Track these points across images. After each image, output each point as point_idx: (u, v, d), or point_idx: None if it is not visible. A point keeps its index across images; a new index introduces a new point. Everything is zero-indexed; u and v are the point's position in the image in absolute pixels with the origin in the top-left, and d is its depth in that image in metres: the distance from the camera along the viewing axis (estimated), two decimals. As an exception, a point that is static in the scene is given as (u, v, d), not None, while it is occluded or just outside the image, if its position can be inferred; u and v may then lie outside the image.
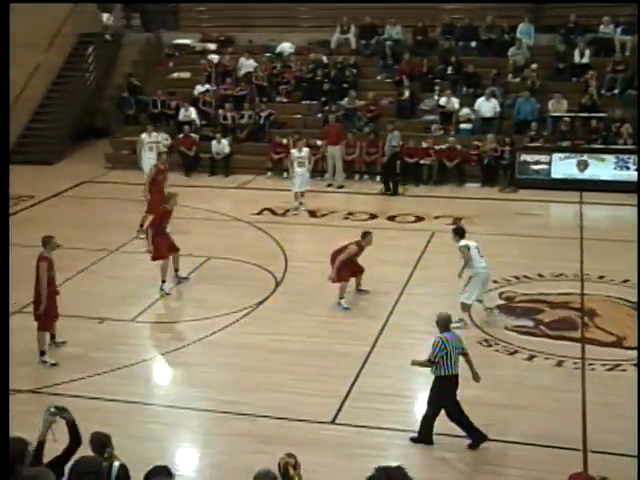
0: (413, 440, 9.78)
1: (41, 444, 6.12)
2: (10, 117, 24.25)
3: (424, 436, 9.77)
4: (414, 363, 9.97)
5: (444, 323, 9.84)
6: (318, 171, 21.94)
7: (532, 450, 9.62)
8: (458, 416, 9.69)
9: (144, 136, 20.54)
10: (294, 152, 19.17)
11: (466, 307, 12.98)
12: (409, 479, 5.68)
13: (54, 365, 11.90)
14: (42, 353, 12.00)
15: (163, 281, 14.47)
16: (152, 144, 20.45)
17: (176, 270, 14.95)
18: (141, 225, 16.91)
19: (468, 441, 9.73)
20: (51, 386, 11.29)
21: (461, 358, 9.78)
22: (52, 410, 6.32)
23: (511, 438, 9.86)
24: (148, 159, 20.15)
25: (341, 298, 13.69)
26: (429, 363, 9.64)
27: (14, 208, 19.74)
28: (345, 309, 13.59)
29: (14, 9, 23.48)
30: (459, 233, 13.11)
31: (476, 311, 13.42)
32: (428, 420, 9.77)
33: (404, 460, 9.56)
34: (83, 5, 26.86)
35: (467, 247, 12.78)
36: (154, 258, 14.53)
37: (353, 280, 14.12)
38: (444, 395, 9.68)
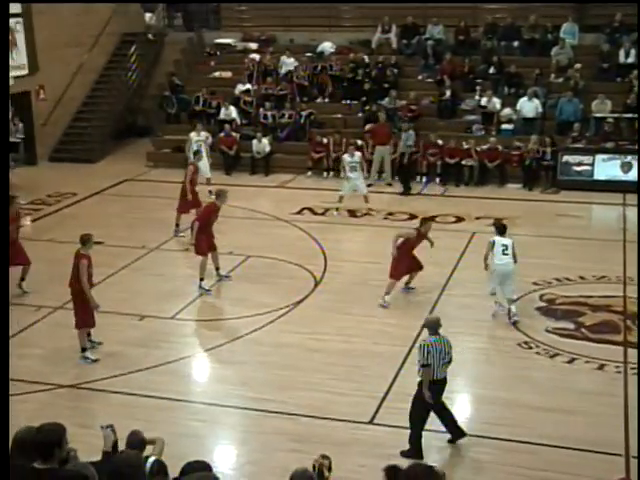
0: (402, 453, 9.45)
1: (107, 454, 6.33)
2: (54, 116, 24.70)
3: (414, 448, 9.54)
4: (424, 391, 9.54)
5: (432, 326, 9.64)
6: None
7: (571, 454, 9.52)
8: (420, 422, 9.56)
9: (193, 135, 20.66)
10: (346, 157, 19.02)
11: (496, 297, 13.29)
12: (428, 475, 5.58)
13: (95, 361, 12.02)
14: (83, 349, 12.12)
15: (201, 279, 14.56)
16: (201, 142, 20.56)
17: (217, 269, 15.01)
18: (177, 225, 17.33)
19: (506, 443, 9.66)
20: (91, 382, 11.41)
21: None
22: (107, 428, 6.46)
23: (550, 442, 9.76)
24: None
25: (386, 294, 13.64)
26: (423, 368, 9.42)
27: (56, 205, 20.01)
28: (383, 307, 13.55)
29: (57, 10, 23.94)
30: (497, 229, 13.45)
31: (516, 313, 13.32)
32: (416, 429, 9.58)
33: (440, 461, 9.58)
34: (126, 5, 27.12)
35: (491, 243, 13.11)
36: (196, 252, 14.66)
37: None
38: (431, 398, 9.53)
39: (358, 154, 19.22)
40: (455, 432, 9.79)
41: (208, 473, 5.54)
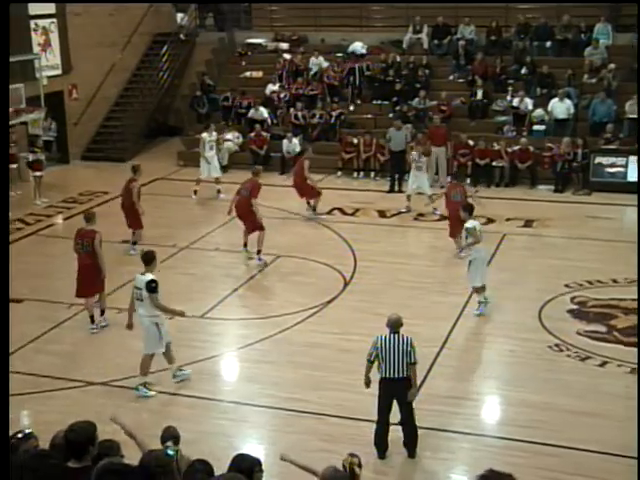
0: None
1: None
2: (86, 115, 24.92)
3: (376, 440, 9.55)
4: (365, 382, 9.58)
5: (392, 324, 9.51)
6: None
7: (602, 458, 9.45)
8: (377, 422, 9.51)
9: (205, 135, 20.73)
10: (414, 154, 18.98)
11: (481, 289, 13.30)
12: None
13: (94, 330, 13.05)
14: (93, 318, 13.15)
15: (259, 251, 15.59)
16: (213, 143, 20.65)
17: (245, 244, 15.94)
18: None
19: (535, 446, 9.61)
20: (122, 379, 11.49)
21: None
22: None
23: (580, 445, 9.69)
24: (210, 157, 20.52)
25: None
26: (367, 362, 9.44)
27: (88, 204, 20.16)
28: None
29: (91, 10, 24.16)
30: (469, 210, 13.52)
31: (547, 316, 13.25)
32: (378, 424, 9.56)
33: (470, 464, 9.55)
34: (159, 5, 27.29)
35: (475, 229, 13.20)
36: (260, 228, 15.69)
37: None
38: (381, 397, 9.47)
39: (426, 158, 19.06)
40: (408, 439, 9.63)
41: (236, 475, 5.54)
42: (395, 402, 9.50)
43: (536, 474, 9.27)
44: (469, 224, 13.35)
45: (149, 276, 11.07)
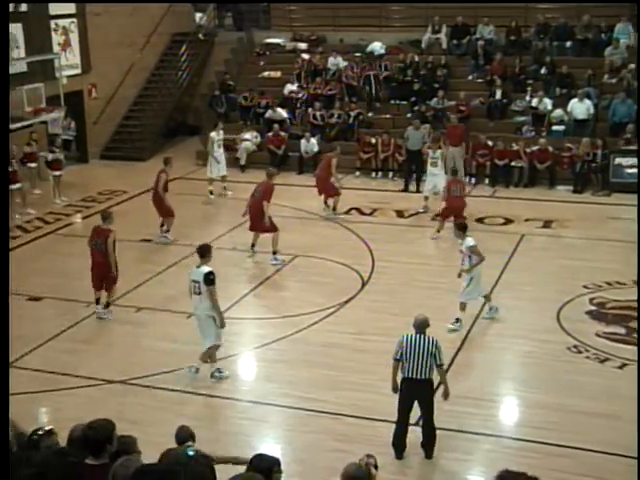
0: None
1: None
2: (105, 115, 25.03)
3: (394, 440, 9.52)
4: (393, 386, 9.53)
5: (419, 325, 9.46)
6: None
7: (619, 461, 9.39)
8: (399, 415, 9.48)
9: (213, 134, 20.77)
10: (429, 151, 19.09)
11: (464, 306, 13.00)
12: None
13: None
14: (108, 305, 13.69)
15: (274, 252, 15.65)
16: (221, 142, 20.71)
17: (253, 245, 16.00)
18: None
19: (553, 448, 9.57)
20: (140, 378, 11.53)
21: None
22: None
23: (598, 448, 9.64)
24: (218, 156, 20.58)
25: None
26: (393, 361, 9.39)
27: (107, 203, 20.26)
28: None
29: (111, 10, 24.27)
30: (463, 229, 13.03)
31: (566, 317, 13.18)
32: (397, 425, 9.52)
33: (487, 465, 9.52)
34: (178, 5, 27.37)
35: (477, 246, 12.81)
36: (272, 230, 15.75)
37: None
38: (402, 397, 9.44)
39: (440, 151, 19.06)
40: (426, 440, 9.60)
41: (255, 474, 5.55)
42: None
43: (552, 476, 9.19)
44: (471, 242, 12.80)
45: (206, 268, 11.17)
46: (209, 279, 11.03)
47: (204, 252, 11.39)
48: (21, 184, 19.45)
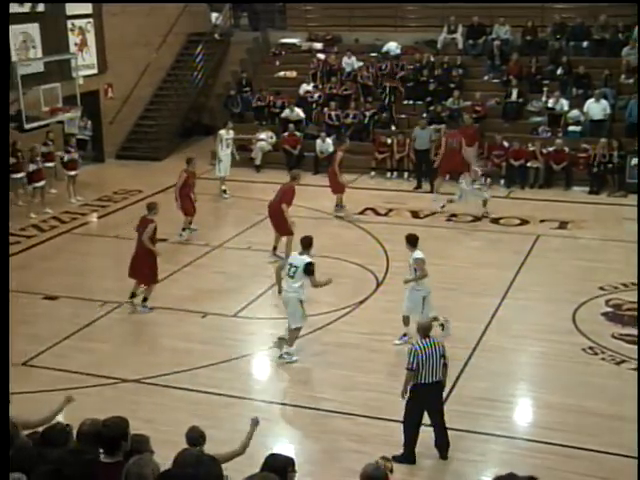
0: (395, 459, 9.07)
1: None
2: (121, 115, 25.11)
3: (407, 453, 9.39)
4: (403, 392, 9.44)
5: (423, 330, 9.43)
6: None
7: (633, 463, 9.30)
8: (412, 427, 9.38)
9: (222, 132, 20.78)
10: (476, 170, 18.91)
11: (407, 320, 12.27)
12: None
13: (151, 310, 13.58)
14: (145, 299, 13.78)
15: (274, 248, 15.75)
16: (230, 141, 20.70)
17: (274, 248, 15.87)
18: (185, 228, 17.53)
19: (567, 449, 9.54)
20: (154, 377, 11.56)
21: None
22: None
23: (612, 449, 9.59)
24: (225, 156, 20.55)
25: None
26: (408, 371, 9.25)
27: (123, 202, 20.34)
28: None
29: (127, 10, 24.35)
30: (412, 242, 12.33)
31: (581, 319, 13.12)
32: (409, 432, 9.42)
33: (500, 466, 9.48)
34: (193, 5, 27.43)
35: (424, 261, 12.03)
36: (285, 234, 15.58)
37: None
38: (417, 403, 9.36)
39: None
40: (441, 440, 9.52)
41: (269, 474, 5.54)
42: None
43: (566, 477, 9.20)
44: (418, 254, 12.06)
45: (307, 258, 11.86)
46: (309, 269, 11.74)
47: (307, 244, 12.06)
48: (44, 182, 19.61)
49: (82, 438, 6.05)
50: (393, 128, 23.03)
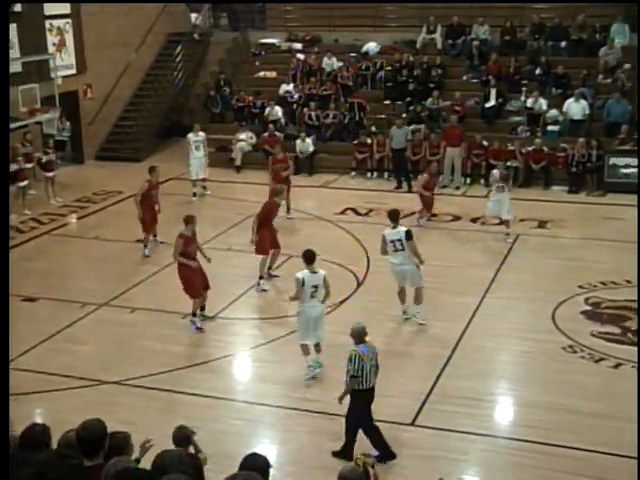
0: (334, 454, 9.39)
1: None
2: (101, 115, 24.99)
3: (346, 453, 9.32)
4: (341, 398, 9.49)
5: (358, 335, 9.44)
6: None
7: (614, 460, 9.42)
8: (371, 431, 9.43)
9: (190, 135, 20.69)
10: (495, 173, 17.75)
11: (306, 348, 11.63)
12: None
13: (199, 329, 12.99)
14: (194, 314, 13.14)
15: (261, 277, 14.72)
16: (199, 143, 20.60)
17: (269, 268, 15.06)
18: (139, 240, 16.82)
19: (547, 447, 9.59)
20: (135, 379, 11.52)
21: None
22: None
23: (593, 447, 9.65)
24: (194, 159, 20.45)
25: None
26: (352, 379, 9.22)
27: (102, 203, 20.26)
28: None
29: (106, 10, 24.24)
30: (311, 259, 11.51)
31: (561, 317, 13.20)
32: (350, 436, 9.44)
33: (482, 464, 9.54)
34: (173, 5, 27.35)
35: (300, 281, 11.34)
36: (257, 251, 14.76)
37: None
38: (360, 410, 9.36)
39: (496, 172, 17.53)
40: (383, 452, 9.45)
41: (253, 473, 5.52)
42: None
43: (548, 475, 9.25)
44: (299, 273, 11.45)
45: (403, 228, 13.05)
46: (410, 235, 12.85)
47: (395, 216, 13.22)
48: (27, 182, 19.50)
49: (65, 444, 5.98)
50: (355, 142, 22.88)
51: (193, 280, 13.09)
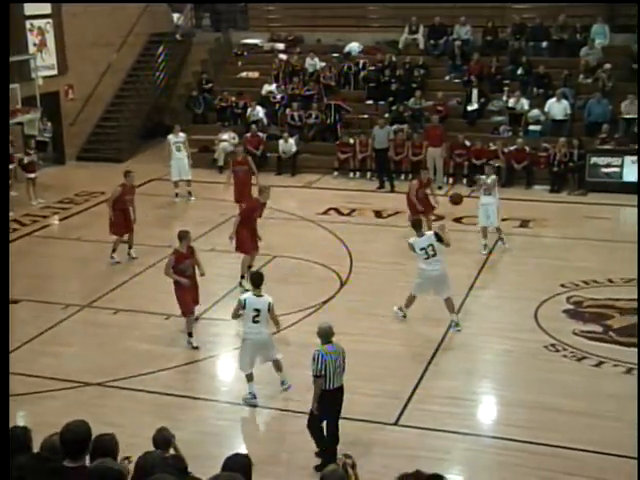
0: (317, 454, 9.39)
1: None
2: (82, 116, 24.89)
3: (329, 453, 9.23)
4: (314, 403, 9.31)
5: (324, 334, 9.39)
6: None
7: (598, 458, 9.47)
8: (319, 432, 9.34)
9: (171, 137, 20.63)
10: (482, 177, 17.32)
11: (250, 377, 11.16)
12: None
13: (195, 348, 12.46)
14: (189, 334, 12.60)
15: (242, 276, 14.61)
16: (179, 144, 20.54)
17: (249, 267, 14.92)
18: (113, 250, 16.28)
19: (531, 446, 9.64)
20: (118, 380, 11.49)
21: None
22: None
23: (577, 445, 9.70)
24: (175, 160, 20.38)
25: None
26: (316, 378, 9.14)
27: (84, 204, 20.18)
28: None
29: (87, 10, 24.14)
30: (258, 281, 11.02)
31: (543, 316, 13.26)
32: (318, 440, 9.42)
33: (466, 463, 9.57)
34: (154, 5, 27.26)
35: (242, 302, 10.88)
36: (238, 250, 14.70)
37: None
38: (324, 409, 9.28)
39: (493, 177, 16.93)
40: (323, 449, 9.40)
41: (235, 474, 5.51)
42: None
43: (532, 474, 9.29)
44: (242, 295, 11.35)
45: (430, 232, 13.16)
46: (439, 237, 12.77)
47: (419, 225, 13.06)
48: (10, 181, 19.40)
49: (48, 448, 5.94)
50: (337, 142, 22.92)
51: (185, 298, 12.65)
